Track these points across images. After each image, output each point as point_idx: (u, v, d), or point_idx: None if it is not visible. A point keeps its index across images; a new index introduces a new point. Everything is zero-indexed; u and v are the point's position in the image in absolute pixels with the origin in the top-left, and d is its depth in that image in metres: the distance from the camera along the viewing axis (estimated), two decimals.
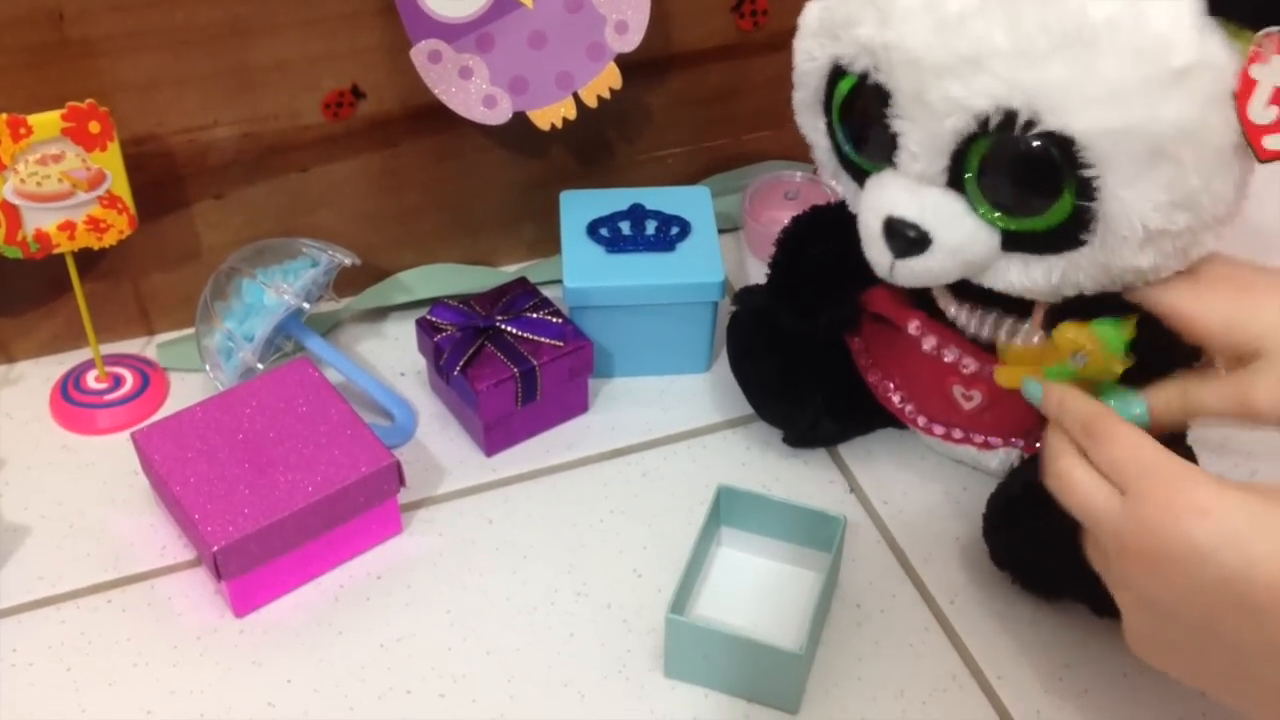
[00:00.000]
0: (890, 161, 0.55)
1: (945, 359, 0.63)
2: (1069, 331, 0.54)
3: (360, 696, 0.60)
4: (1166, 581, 0.46)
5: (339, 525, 0.64)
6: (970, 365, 0.62)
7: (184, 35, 0.68)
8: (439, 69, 0.71)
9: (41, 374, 0.76)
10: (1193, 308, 0.54)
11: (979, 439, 0.66)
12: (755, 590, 0.64)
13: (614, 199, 0.77)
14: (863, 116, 0.56)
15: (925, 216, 0.54)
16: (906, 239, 0.55)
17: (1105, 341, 0.53)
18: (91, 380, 0.74)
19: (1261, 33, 0.49)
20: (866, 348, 0.69)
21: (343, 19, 0.71)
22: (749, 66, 0.82)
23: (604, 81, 0.74)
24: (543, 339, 0.70)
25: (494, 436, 0.71)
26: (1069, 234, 0.53)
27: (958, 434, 0.66)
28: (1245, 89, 0.50)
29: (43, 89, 0.66)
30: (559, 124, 0.75)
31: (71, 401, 0.73)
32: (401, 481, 0.65)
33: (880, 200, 0.56)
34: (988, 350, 0.62)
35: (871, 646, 0.62)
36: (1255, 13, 0.49)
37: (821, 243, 0.66)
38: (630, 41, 0.73)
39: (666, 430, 0.73)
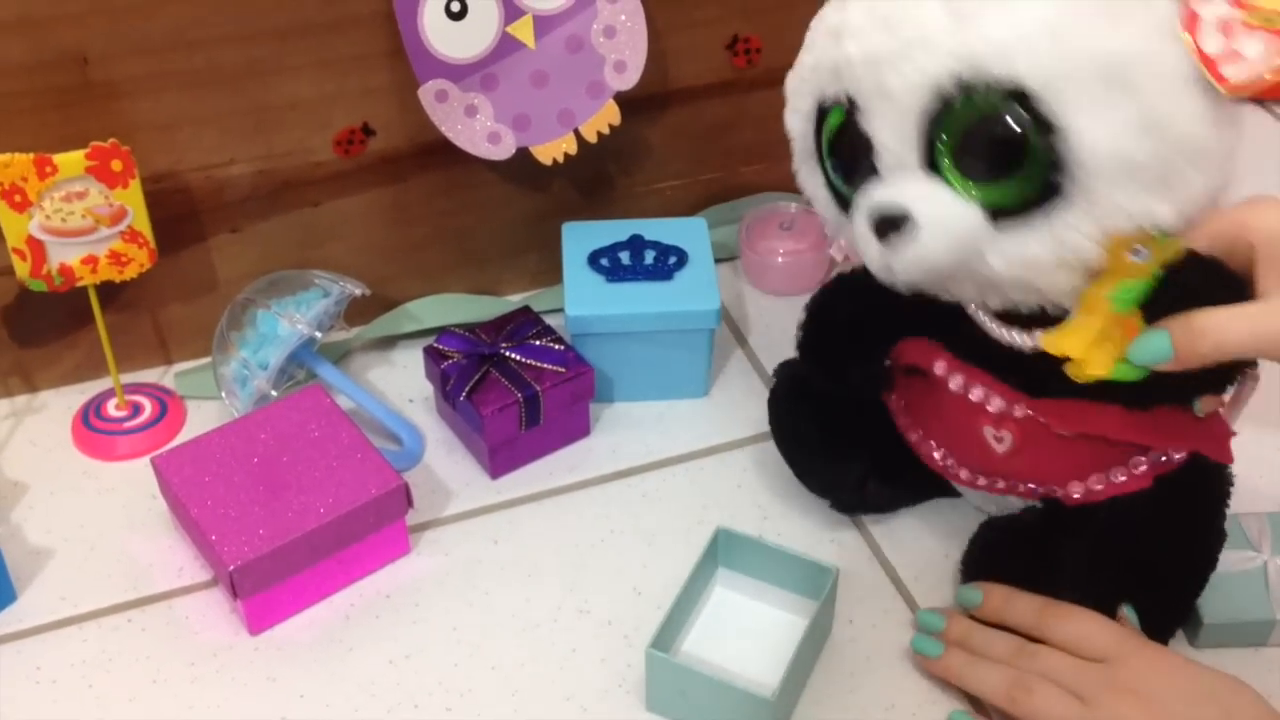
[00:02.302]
0: (873, 171, 0.57)
1: (972, 397, 0.62)
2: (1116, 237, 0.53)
3: (370, 711, 0.61)
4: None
5: (349, 545, 0.66)
6: (996, 403, 0.61)
7: (203, 77, 0.71)
8: (445, 107, 0.74)
9: (64, 403, 0.78)
10: (1239, 214, 0.53)
11: (1021, 487, 0.64)
12: (747, 632, 0.64)
13: (614, 230, 0.79)
14: (845, 141, 0.58)
15: (907, 199, 0.55)
16: (889, 221, 0.55)
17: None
18: (112, 408, 0.76)
19: None
20: (906, 406, 0.69)
21: (354, 60, 0.73)
22: (744, 102, 0.84)
23: (603, 118, 0.77)
24: (545, 365, 0.72)
25: (499, 459, 0.73)
26: (1049, 187, 0.53)
27: (1000, 484, 0.65)
28: (1192, 21, 0.51)
29: (68, 129, 0.69)
30: (560, 159, 0.77)
31: (92, 429, 0.75)
32: (409, 503, 0.67)
33: (865, 204, 0.57)
34: (1017, 385, 0.61)
35: (863, 661, 0.64)
36: None
37: (847, 305, 0.67)
38: (629, 80, 0.76)
39: (666, 453, 0.75)
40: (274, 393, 0.73)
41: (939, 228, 0.55)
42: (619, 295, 0.75)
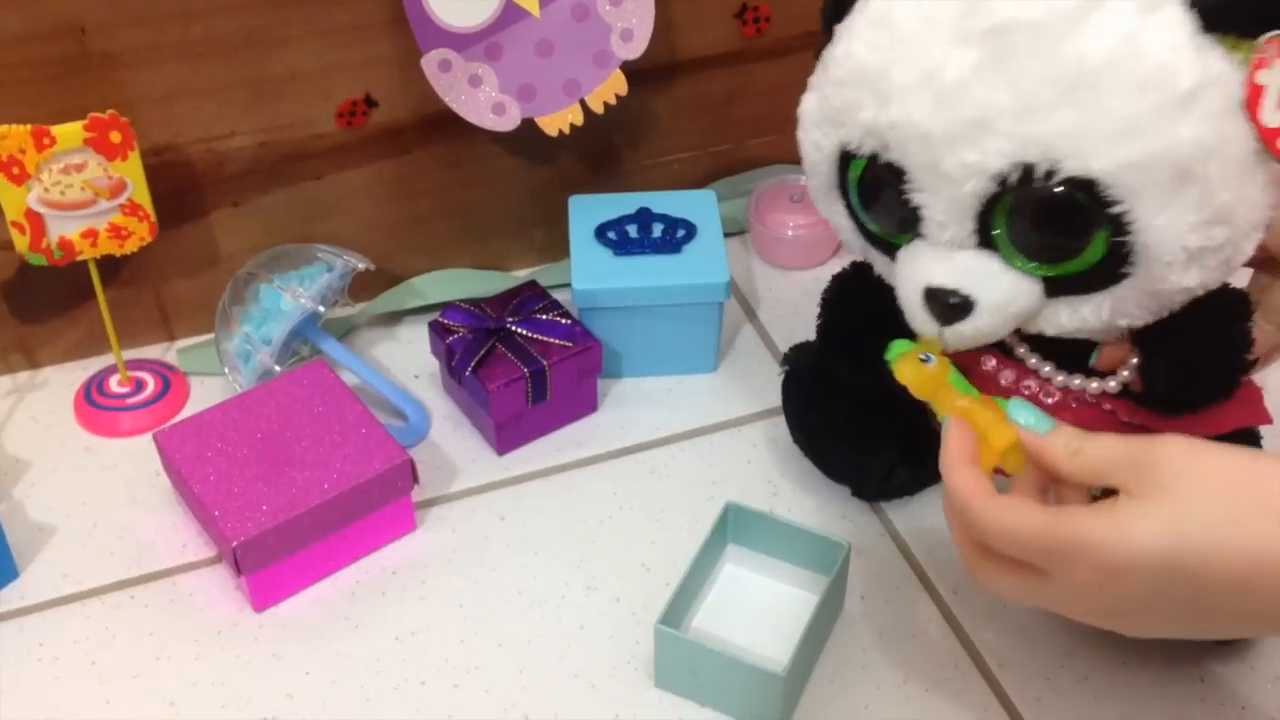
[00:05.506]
0: (917, 233, 0.55)
1: (1024, 393, 0.61)
2: (899, 346, 0.56)
3: (376, 688, 0.61)
4: (1116, 593, 0.48)
5: (355, 522, 0.66)
6: (1053, 395, 0.60)
7: (202, 48, 0.70)
8: (449, 78, 0.73)
9: (65, 379, 0.78)
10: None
11: None
12: (757, 609, 0.64)
13: (621, 203, 0.78)
14: (881, 195, 0.56)
15: (963, 281, 0.54)
16: (949, 306, 0.54)
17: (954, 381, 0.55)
18: (114, 384, 0.76)
19: (1261, 39, 0.49)
20: None
21: (355, 30, 0.73)
22: (753, 72, 0.83)
23: (610, 88, 0.76)
24: (552, 340, 0.72)
25: (505, 435, 0.73)
26: (1110, 270, 0.52)
27: None
28: (1254, 96, 0.50)
29: (66, 101, 0.68)
30: (566, 130, 0.76)
31: (95, 405, 0.75)
32: (415, 479, 0.67)
33: (915, 272, 0.55)
34: (1063, 384, 0.60)
35: (876, 637, 0.63)
36: (1250, 21, 0.49)
37: (868, 300, 0.63)
38: (636, 49, 0.75)
39: (674, 429, 0.75)
40: (277, 368, 0.73)
41: (997, 308, 0.54)
42: (627, 269, 0.75)
